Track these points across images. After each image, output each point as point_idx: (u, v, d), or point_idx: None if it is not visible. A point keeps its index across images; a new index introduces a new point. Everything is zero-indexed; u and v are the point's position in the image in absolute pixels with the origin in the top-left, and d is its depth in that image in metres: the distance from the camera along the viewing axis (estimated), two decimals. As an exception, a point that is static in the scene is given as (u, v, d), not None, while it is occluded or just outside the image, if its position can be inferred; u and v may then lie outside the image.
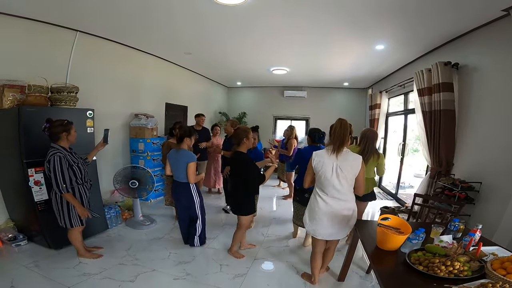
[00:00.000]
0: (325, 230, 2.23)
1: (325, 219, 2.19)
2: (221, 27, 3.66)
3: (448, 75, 3.47)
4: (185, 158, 2.91)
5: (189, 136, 3.02)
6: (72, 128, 2.56)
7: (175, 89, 6.26)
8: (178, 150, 2.99)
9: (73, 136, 2.58)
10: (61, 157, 2.41)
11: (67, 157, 2.47)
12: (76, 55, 3.77)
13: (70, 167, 2.49)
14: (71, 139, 2.55)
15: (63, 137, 2.49)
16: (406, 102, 5.61)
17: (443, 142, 3.56)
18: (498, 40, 2.97)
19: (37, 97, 2.93)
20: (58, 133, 2.47)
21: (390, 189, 6.21)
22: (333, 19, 3.26)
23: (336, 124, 2.17)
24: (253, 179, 2.75)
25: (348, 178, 2.12)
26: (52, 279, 2.48)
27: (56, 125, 2.47)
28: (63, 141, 2.51)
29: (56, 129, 2.46)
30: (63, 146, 2.50)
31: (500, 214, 2.62)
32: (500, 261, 1.44)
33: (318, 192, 2.24)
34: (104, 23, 3.62)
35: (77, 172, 2.56)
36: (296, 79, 7.46)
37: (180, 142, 3.00)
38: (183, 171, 2.92)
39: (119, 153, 4.69)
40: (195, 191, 3.04)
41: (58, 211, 2.57)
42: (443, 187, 3.31)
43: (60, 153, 2.42)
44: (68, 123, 2.54)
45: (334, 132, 2.14)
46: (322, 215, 2.20)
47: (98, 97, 4.09)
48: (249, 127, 3.21)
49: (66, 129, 2.50)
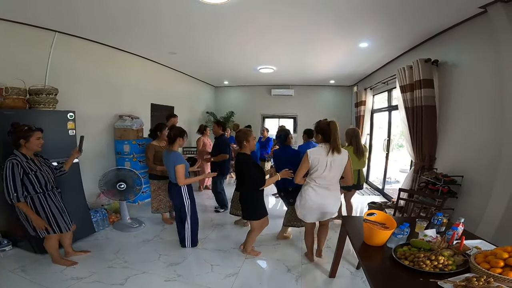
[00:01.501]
0: (314, 215, 2.66)
1: (315, 206, 2.59)
2: (206, 26, 3.62)
3: (428, 71, 3.57)
4: (173, 161, 2.88)
5: (181, 136, 2.99)
6: (32, 135, 2.37)
7: (161, 89, 6.17)
8: (169, 152, 2.96)
9: (33, 143, 2.39)
10: (14, 163, 2.28)
11: (23, 164, 2.33)
12: (56, 56, 3.65)
13: (25, 175, 2.35)
14: (29, 146, 2.38)
15: (21, 143, 2.36)
16: (389, 99, 5.75)
17: (426, 137, 3.67)
18: (475, 37, 3.07)
19: (14, 100, 2.83)
20: (16, 140, 2.34)
21: (377, 184, 6.35)
22: (319, 17, 3.28)
23: (332, 127, 2.45)
24: (253, 180, 2.73)
25: (338, 171, 2.52)
26: (40, 284, 2.42)
27: (15, 131, 2.34)
28: (23, 148, 2.38)
29: (15, 135, 2.33)
30: (23, 153, 2.37)
31: (482, 207, 2.72)
32: (484, 255, 1.47)
33: (310, 183, 2.57)
34: (85, 24, 3.51)
35: (33, 181, 2.40)
36: (283, 78, 7.49)
37: (173, 142, 2.95)
38: (173, 172, 2.91)
39: (103, 156, 4.57)
40: (185, 193, 3.01)
41: (24, 221, 2.47)
42: (426, 181, 3.41)
43: (15, 159, 2.30)
44: (28, 130, 2.37)
45: (334, 134, 2.44)
46: (312, 203, 2.58)
47: (80, 98, 3.98)
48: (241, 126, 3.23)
49: (24, 136, 2.34)
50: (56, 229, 2.56)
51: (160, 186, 3.71)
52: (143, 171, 4.50)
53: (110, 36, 4.08)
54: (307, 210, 2.63)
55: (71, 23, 3.48)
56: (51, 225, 2.52)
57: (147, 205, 4.69)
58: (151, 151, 3.61)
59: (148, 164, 3.67)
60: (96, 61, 4.33)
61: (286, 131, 3.52)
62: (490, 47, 2.81)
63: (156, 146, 3.65)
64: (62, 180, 2.86)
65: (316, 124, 2.62)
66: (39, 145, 2.45)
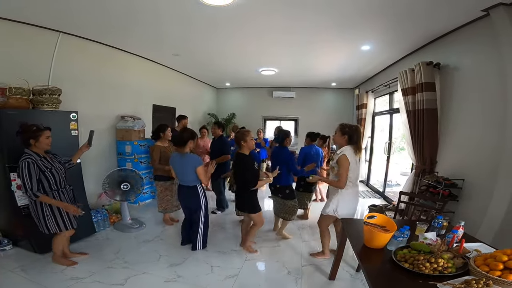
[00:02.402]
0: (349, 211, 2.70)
1: (356, 204, 2.76)
2: (208, 28, 3.64)
3: (430, 75, 3.58)
4: (192, 163, 2.86)
5: (193, 138, 2.96)
6: (41, 135, 2.42)
7: (163, 90, 6.19)
8: (182, 155, 2.92)
9: (43, 143, 2.44)
10: (30, 162, 2.33)
11: (38, 163, 2.38)
12: (59, 57, 3.68)
13: (41, 173, 2.40)
14: (39, 146, 2.43)
15: (31, 143, 2.40)
16: (391, 102, 5.75)
17: (427, 140, 3.66)
18: (477, 40, 3.07)
19: (18, 100, 2.85)
20: (26, 140, 2.39)
21: (378, 187, 6.33)
22: (322, 19, 3.29)
23: (357, 129, 2.67)
24: (245, 179, 2.88)
25: (359, 170, 2.73)
26: (39, 284, 2.43)
27: (24, 131, 2.38)
28: (33, 147, 2.42)
29: (24, 135, 2.38)
30: (35, 152, 2.42)
31: (483, 211, 2.71)
32: (483, 258, 1.47)
33: (350, 185, 2.63)
34: (89, 24, 3.54)
35: (50, 178, 2.46)
36: (284, 80, 7.51)
37: (184, 145, 2.91)
38: (190, 175, 2.88)
39: (105, 156, 4.58)
40: (202, 194, 3.01)
41: (36, 218, 2.50)
42: (427, 184, 3.40)
43: (30, 158, 2.35)
44: (37, 130, 2.41)
45: (359, 135, 2.65)
46: (356, 202, 2.76)
47: (83, 99, 4.00)
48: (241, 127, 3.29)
49: (33, 135, 2.39)
50: (68, 225, 2.61)
51: (167, 187, 3.72)
52: (144, 171, 4.52)
53: (112, 36, 4.10)
54: (352, 210, 2.72)
55: (73, 23, 3.50)
56: (65, 222, 2.57)
57: (148, 206, 4.71)
58: (157, 152, 3.60)
59: (154, 166, 3.66)
60: (99, 62, 4.36)
61: (285, 132, 3.57)
62: (492, 50, 2.81)
63: (161, 147, 3.65)
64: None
65: (343, 126, 2.70)
66: (49, 144, 2.51)
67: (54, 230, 2.55)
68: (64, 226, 2.58)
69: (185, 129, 3.12)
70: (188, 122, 4.94)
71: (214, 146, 4.38)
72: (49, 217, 2.50)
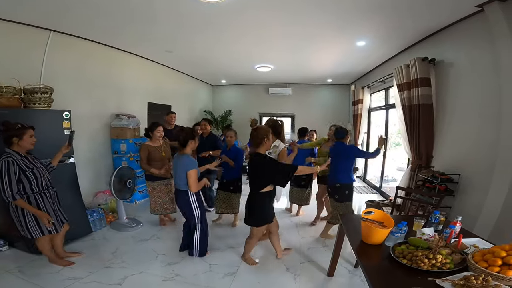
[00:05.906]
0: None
1: None
2: (202, 24, 3.58)
3: (425, 70, 3.58)
4: (184, 166, 2.71)
5: (193, 138, 2.82)
6: (25, 133, 2.35)
7: (158, 88, 6.12)
8: (180, 156, 2.80)
9: (27, 141, 2.37)
10: (9, 161, 2.26)
11: (18, 162, 2.31)
12: (51, 55, 3.60)
13: (22, 173, 2.33)
14: (22, 144, 2.35)
15: (14, 142, 2.33)
16: (387, 97, 5.76)
17: (423, 135, 3.68)
18: (472, 36, 3.07)
19: (9, 99, 2.80)
20: (8, 138, 2.31)
21: (375, 182, 6.37)
22: (318, 15, 3.25)
23: None
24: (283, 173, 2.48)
25: None
26: (36, 284, 2.40)
27: (7, 129, 2.31)
28: (15, 146, 2.35)
29: (6, 133, 2.31)
30: (16, 151, 2.35)
31: (480, 206, 2.73)
32: (481, 253, 1.47)
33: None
34: (81, 22, 3.46)
35: (31, 179, 2.38)
36: (280, 76, 7.47)
37: (184, 146, 2.78)
38: (182, 178, 2.74)
39: (100, 155, 4.53)
40: (194, 200, 2.84)
41: (18, 222, 2.43)
42: (424, 179, 3.42)
43: (10, 157, 2.28)
44: (22, 128, 2.35)
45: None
46: None
47: (76, 97, 3.94)
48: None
49: (17, 134, 2.32)
50: (52, 229, 2.53)
51: (155, 187, 3.58)
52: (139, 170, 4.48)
53: (106, 34, 4.03)
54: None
55: (64, 21, 3.42)
56: (44, 226, 2.47)
57: (144, 204, 4.68)
58: (144, 152, 3.45)
59: (141, 165, 3.50)
60: (92, 60, 4.28)
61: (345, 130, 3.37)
62: (487, 46, 2.81)
63: (149, 146, 3.49)
64: (58, 180, 2.83)
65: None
66: (33, 143, 2.43)
67: (37, 235, 2.47)
68: (48, 229, 2.49)
69: (182, 128, 3.01)
70: (174, 118, 4.76)
71: (204, 144, 4.10)
72: (31, 221, 2.42)
